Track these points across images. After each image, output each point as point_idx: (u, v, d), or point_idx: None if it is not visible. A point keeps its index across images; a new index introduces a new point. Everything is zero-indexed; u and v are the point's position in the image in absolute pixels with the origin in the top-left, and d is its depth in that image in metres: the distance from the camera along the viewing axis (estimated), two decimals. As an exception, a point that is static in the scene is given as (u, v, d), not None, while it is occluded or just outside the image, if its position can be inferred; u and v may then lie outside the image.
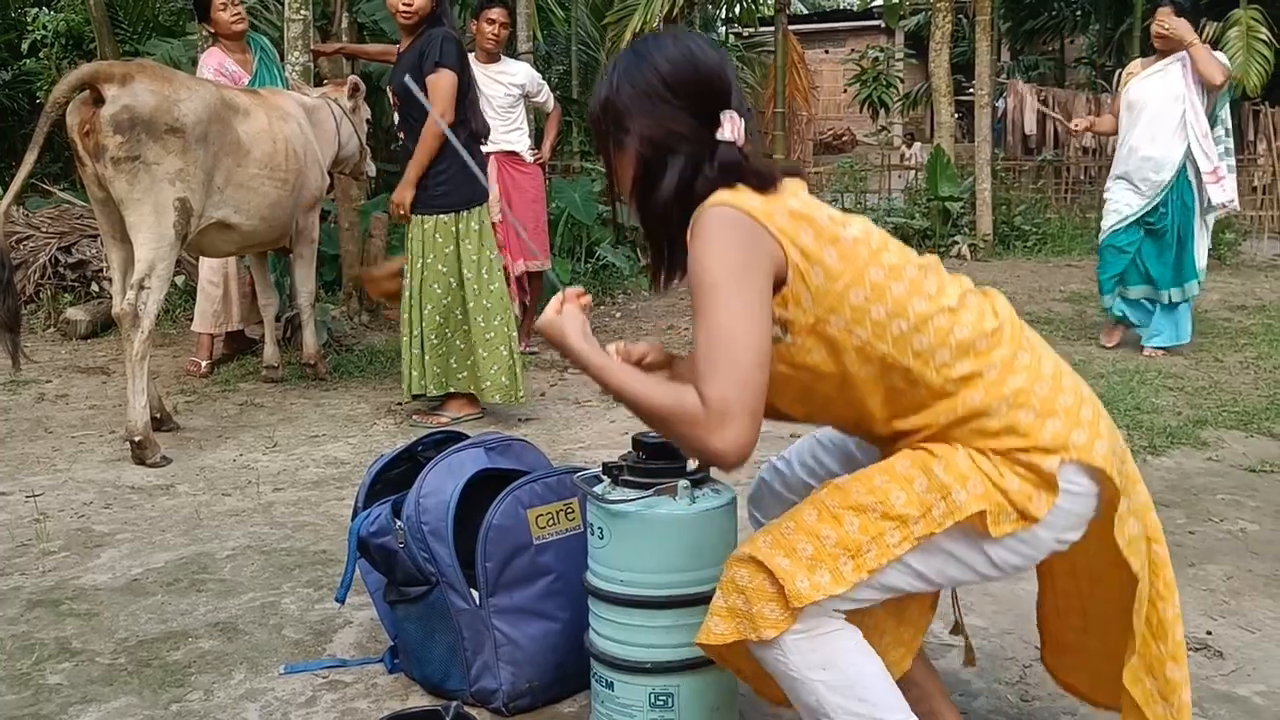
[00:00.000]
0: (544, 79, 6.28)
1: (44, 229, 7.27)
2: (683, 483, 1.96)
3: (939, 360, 1.65)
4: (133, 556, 3.09)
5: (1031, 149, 14.87)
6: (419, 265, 4.44)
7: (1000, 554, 1.66)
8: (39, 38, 11.90)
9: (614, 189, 1.78)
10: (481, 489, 2.27)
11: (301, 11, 5.61)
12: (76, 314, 6.40)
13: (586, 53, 14.68)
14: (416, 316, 4.47)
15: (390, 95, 4.53)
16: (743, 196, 1.63)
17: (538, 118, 6.70)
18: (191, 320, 5.71)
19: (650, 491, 1.94)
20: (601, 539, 1.99)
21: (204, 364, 5.54)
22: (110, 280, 6.65)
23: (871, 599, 1.68)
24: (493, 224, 4.66)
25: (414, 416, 4.56)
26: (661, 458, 2.00)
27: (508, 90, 5.69)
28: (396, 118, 4.58)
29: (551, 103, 6.14)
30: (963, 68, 15.28)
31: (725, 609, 1.67)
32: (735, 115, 1.69)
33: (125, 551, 3.14)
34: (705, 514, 1.96)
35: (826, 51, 25.23)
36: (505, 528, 2.20)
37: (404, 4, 4.35)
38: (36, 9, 12.52)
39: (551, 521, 2.25)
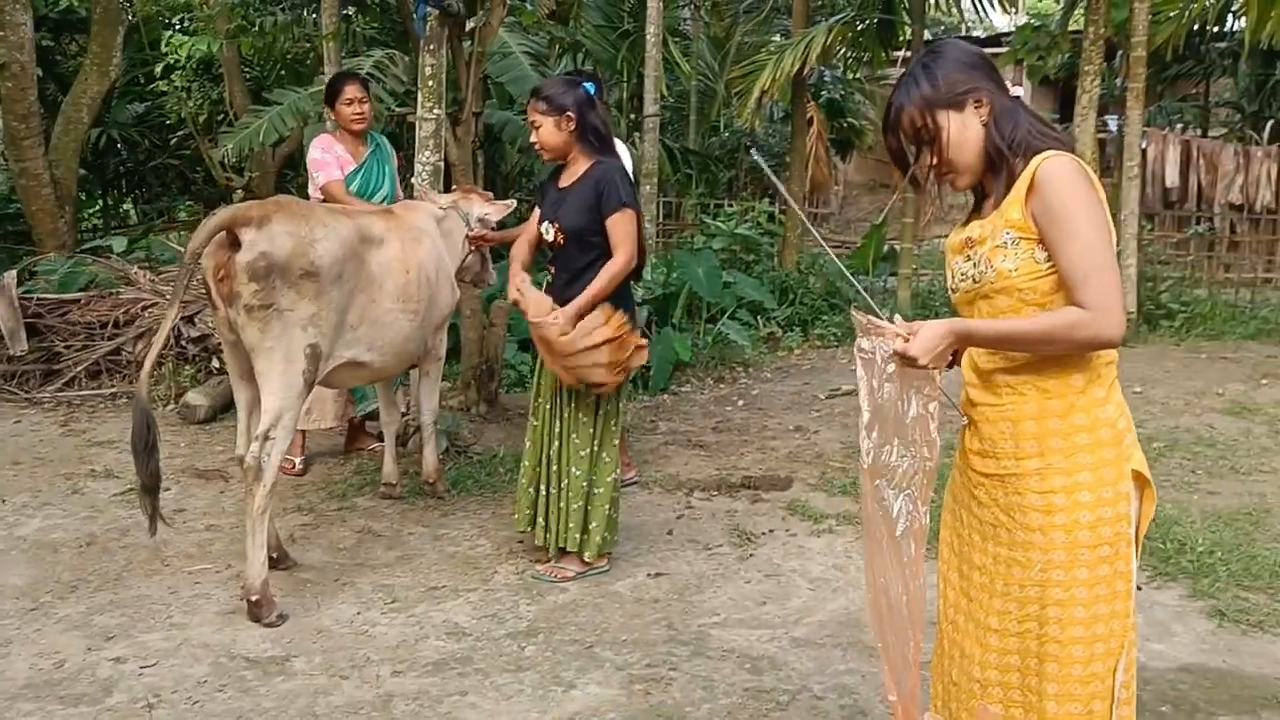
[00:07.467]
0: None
1: (169, 296, 7.26)
2: None
3: None
4: (248, 774, 2.90)
5: (1173, 203, 14.07)
6: (555, 407, 4.21)
7: None
8: (172, 60, 12.05)
9: (939, 161, 2.20)
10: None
11: (435, 110, 5.42)
12: (196, 399, 6.34)
13: (705, 92, 14.37)
14: (541, 458, 4.25)
15: (552, 231, 4.12)
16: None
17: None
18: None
19: None
20: None
21: (298, 462, 5.43)
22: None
23: None
24: None
25: (537, 567, 4.31)
26: None
27: None
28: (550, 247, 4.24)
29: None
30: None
31: None
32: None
33: (240, 764, 2.95)
34: None
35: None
36: None
37: (537, 147, 4.12)
38: (170, 30, 12.70)
39: None
